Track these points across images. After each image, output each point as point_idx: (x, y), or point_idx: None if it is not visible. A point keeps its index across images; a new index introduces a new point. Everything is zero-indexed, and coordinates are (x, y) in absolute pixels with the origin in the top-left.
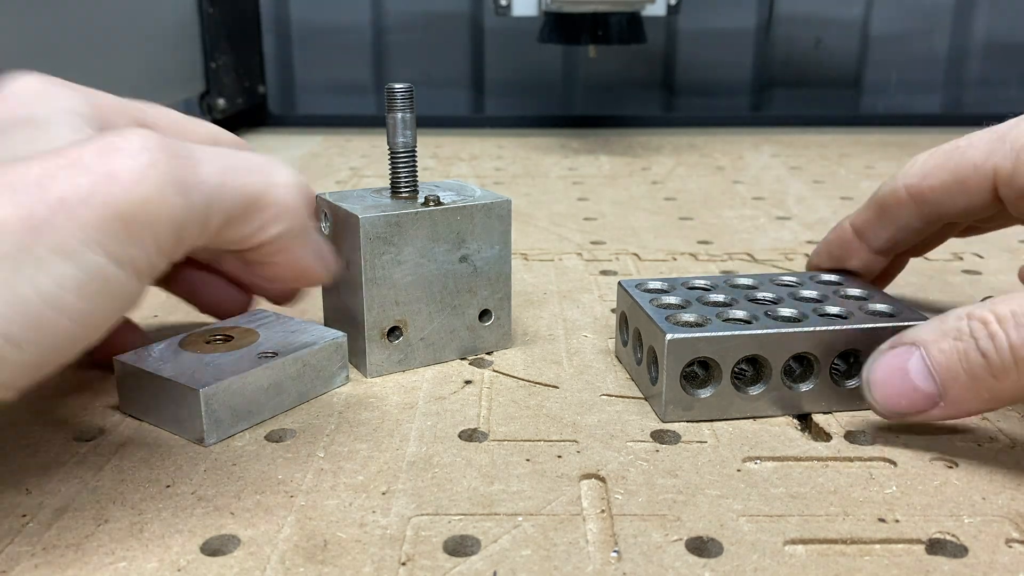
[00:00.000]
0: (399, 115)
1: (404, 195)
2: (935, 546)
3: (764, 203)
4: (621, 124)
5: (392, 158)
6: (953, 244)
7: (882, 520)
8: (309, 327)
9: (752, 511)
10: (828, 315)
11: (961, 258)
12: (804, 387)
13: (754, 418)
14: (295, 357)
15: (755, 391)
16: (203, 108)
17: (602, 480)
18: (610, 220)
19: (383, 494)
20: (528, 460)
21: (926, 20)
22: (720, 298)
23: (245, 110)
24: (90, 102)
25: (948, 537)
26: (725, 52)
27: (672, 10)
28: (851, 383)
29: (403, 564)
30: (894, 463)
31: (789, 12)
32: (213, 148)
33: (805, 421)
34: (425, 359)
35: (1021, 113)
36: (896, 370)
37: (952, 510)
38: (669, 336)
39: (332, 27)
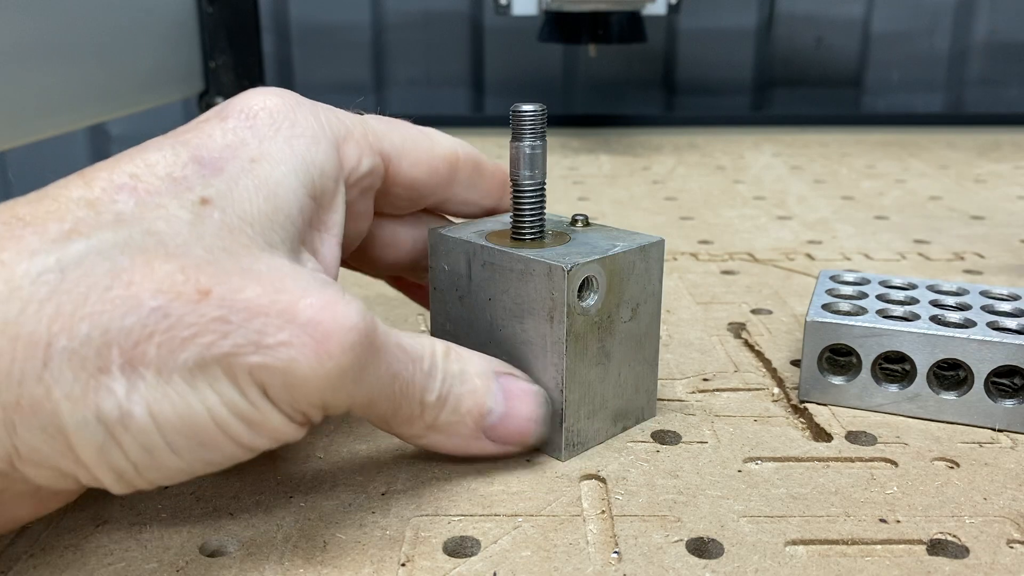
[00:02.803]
0: (527, 144)
1: (528, 238)
2: (936, 547)
3: (765, 203)
4: (621, 123)
5: (516, 196)
6: (954, 244)
7: (883, 521)
8: None
9: (753, 512)
10: (1001, 328)
11: (962, 258)
12: (948, 395)
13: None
14: None
15: (895, 389)
16: (202, 108)
17: (602, 481)
18: (610, 220)
19: (382, 495)
20: (528, 460)
21: (927, 19)
22: (900, 296)
23: None
24: (331, 138)
25: (949, 538)
26: (726, 51)
27: (673, 9)
28: (1009, 403)
29: (403, 565)
30: (895, 463)
31: (790, 11)
32: (396, 330)
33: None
34: None
35: (1022, 112)
36: None
37: (953, 511)
38: (810, 318)
39: (332, 26)
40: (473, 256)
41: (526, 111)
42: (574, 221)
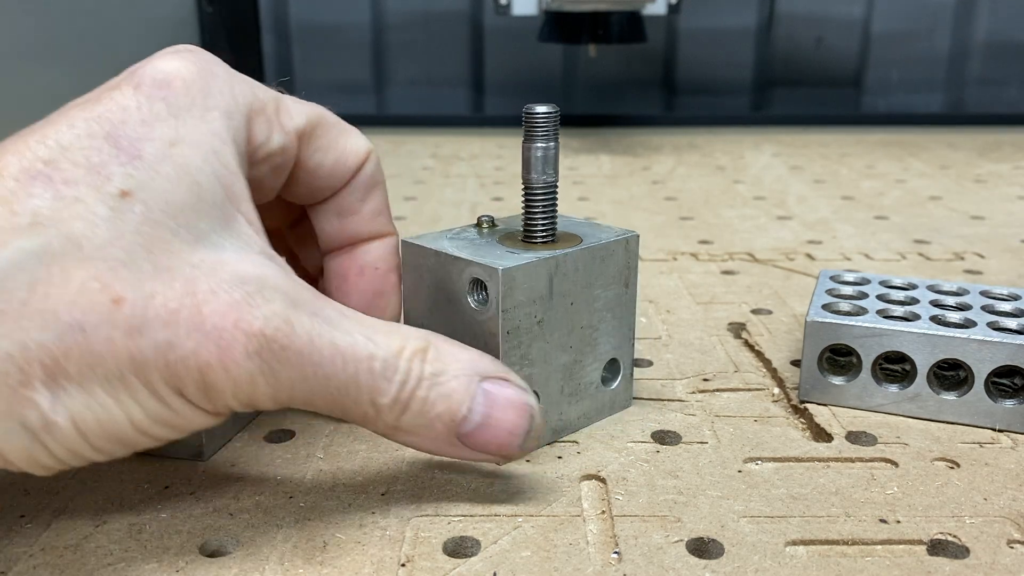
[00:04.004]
0: (540, 147)
1: (539, 241)
2: (936, 547)
3: (765, 203)
4: (621, 123)
5: (527, 198)
6: (954, 244)
7: (883, 521)
8: None
9: (753, 512)
10: (1001, 328)
11: (962, 258)
12: (948, 395)
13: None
14: None
15: (895, 389)
16: None
17: (602, 481)
18: (610, 220)
19: (382, 495)
20: (528, 461)
21: (927, 19)
22: (900, 296)
23: None
24: (244, 111)
25: (949, 538)
26: (726, 51)
27: (673, 9)
28: (1009, 403)
29: (403, 565)
30: (895, 464)
31: (790, 11)
32: (347, 324)
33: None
34: None
35: (1022, 112)
36: None
37: (953, 511)
38: (810, 318)
39: (332, 26)
40: (556, 270)
41: (539, 112)
42: (479, 223)
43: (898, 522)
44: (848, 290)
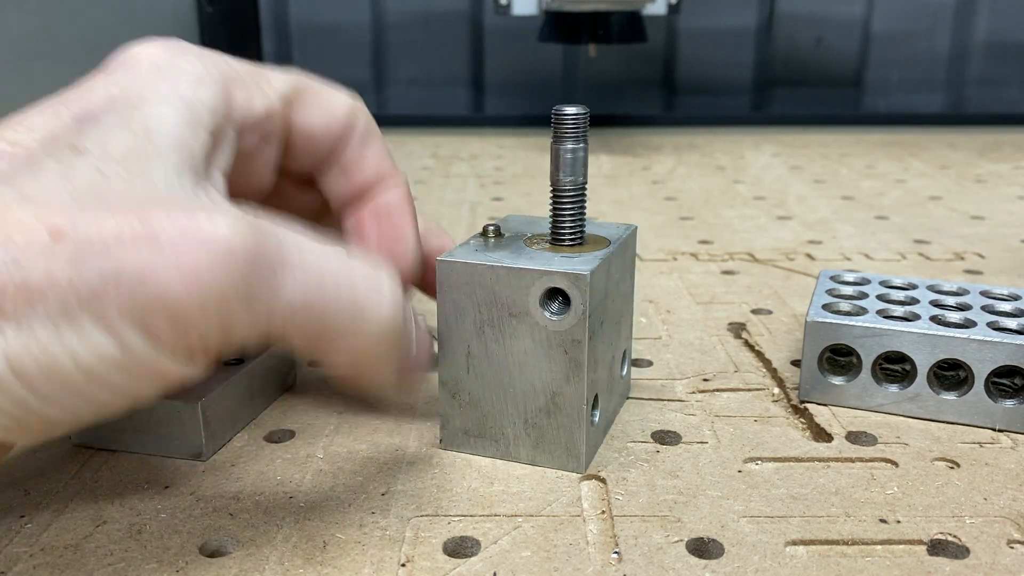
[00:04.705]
0: (569, 147)
1: (567, 244)
2: (936, 547)
3: (765, 203)
4: (621, 123)
5: (555, 199)
6: (954, 244)
7: (883, 521)
8: None
9: (753, 512)
10: (1001, 328)
11: (962, 258)
12: (948, 395)
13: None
14: (258, 361)
15: (895, 389)
16: None
17: (602, 481)
18: (611, 220)
19: (383, 495)
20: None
21: (927, 19)
22: (900, 296)
23: None
24: (217, 79)
25: (950, 538)
26: (726, 51)
27: (673, 9)
28: (1009, 403)
29: (403, 565)
30: (895, 464)
31: (790, 11)
32: (316, 248)
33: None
34: None
35: (1022, 112)
36: None
37: (954, 511)
38: (810, 318)
39: (332, 26)
40: (608, 270)
41: (567, 113)
42: (485, 232)
43: (898, 522)
44: (848, 290)
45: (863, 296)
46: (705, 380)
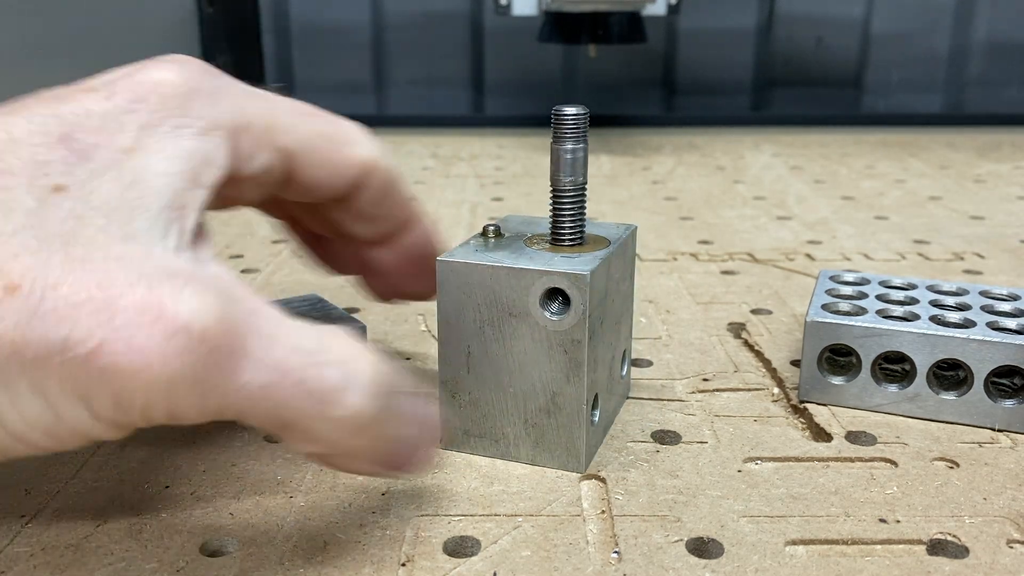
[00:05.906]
0: (569, 147)
1: (566, 244)
2: (936, 547)
3: (765, 203)
4: (621, 124)
5: (555, 200)
6: (954, 244)
7: (883, 521)
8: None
9: (753, 512)
10: (1001, 328)
11: (962, 258)
12: (948, 395)
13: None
14: None
15: (895, 389)
16: None
17: (602, 481)
18: (611, 220)
19: (383, 495)
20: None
21: (927, 19)
22: (900, 296)
23: None
24: (228, 127)
25: (949, 538)
26: (726, 51)
27: (673, 9)
28: (1009, 403)
29: (403, 565)
30: (895, 463)
31: (790, 11)
32: (287, 331)
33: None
34: None
35: (1022, 112)
36: None
37: (953, 511)
38: (810, 318)
39: (332, 27)
40: (608, 270)
41: (567, 113)
42: (485, 232)
43: (898, 522)
44: (848, 290)
45: (863, 296)
46: (705, 380)
